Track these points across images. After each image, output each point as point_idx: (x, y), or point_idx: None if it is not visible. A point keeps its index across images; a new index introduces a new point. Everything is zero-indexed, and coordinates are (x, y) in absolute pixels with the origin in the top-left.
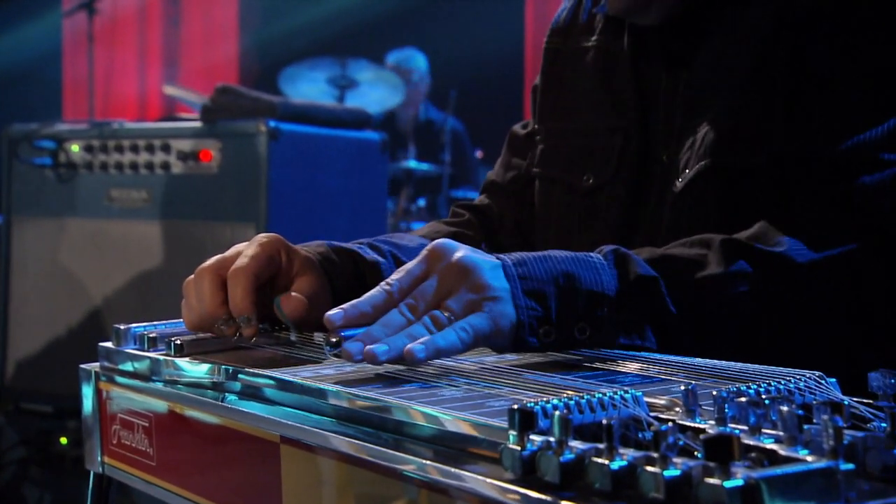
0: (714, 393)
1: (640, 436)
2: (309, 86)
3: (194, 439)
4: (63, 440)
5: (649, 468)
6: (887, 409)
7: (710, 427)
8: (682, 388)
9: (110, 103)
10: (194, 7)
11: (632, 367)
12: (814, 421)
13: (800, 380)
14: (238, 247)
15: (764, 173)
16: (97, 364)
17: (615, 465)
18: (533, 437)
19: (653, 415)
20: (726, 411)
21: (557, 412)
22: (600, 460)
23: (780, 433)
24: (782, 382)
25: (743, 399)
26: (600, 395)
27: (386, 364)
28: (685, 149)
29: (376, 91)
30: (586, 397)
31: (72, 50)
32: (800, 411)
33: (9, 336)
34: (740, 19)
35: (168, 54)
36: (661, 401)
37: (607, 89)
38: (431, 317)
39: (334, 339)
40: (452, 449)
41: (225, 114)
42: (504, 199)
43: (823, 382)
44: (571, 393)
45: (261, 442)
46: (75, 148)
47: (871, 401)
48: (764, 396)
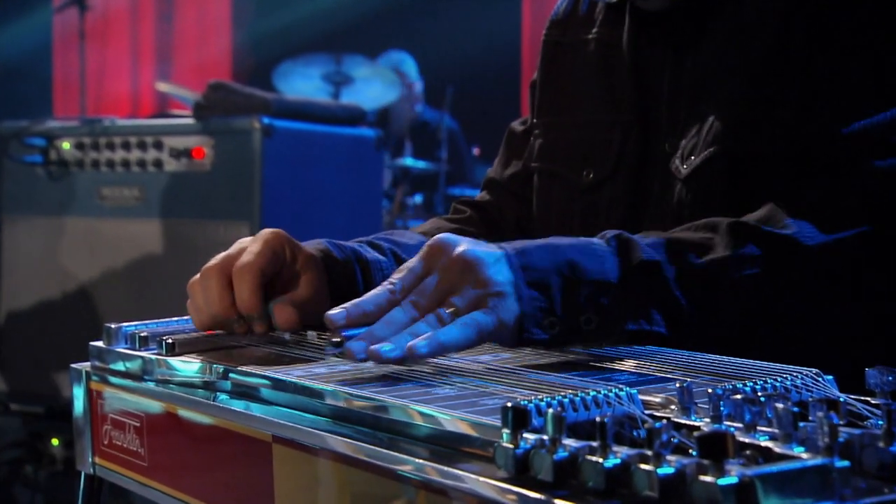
0: (709, 390)
1: (634, 434)
2: (303, 82)
3: (186, 439)
4: (54, 441)
5: (643, 466)
6: (884, 407)
7: (704, 425)
8: (678, 385)
9: (102, 100)
10: (187, 2)
11: (627, 364)
12: (809, 418)
13: (796, 377)
14: (241, 243)
15: (773, 160)
16: (88, 364)
17: (609, 463)
18: (526, 435)
19: (648, 412)
20: (721, 409)
21: (551, 410)
22: (594, 458)
23: (776, 430)
24: (779, 379)
25: (738, 396)
26: (594, 393)
27: (389, 363)
28: (691, 135)
29: (372, 87)
30: (580, 395)
31: (62, 46)
32: (795, 408)
33: None
34: (749, 4)
35: (161, 50)
36: (657, 398)
37: (607, 82)
38: (435, 314)
39: (336, 340)
40: (446, 448)
41: (218, 110)
42: (504, 196)
43: (820, 379)
44: (565, 391)
45: (253, 442)
46: (66, 145)
47: (868, 398)
48: (760, 394)
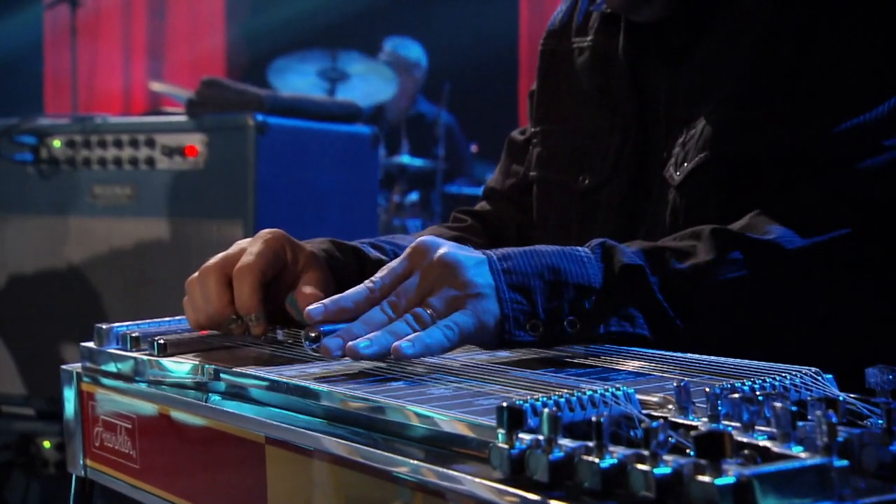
0: (707, 389)
1: (631, 433)
2: (299, 79)
3: (178, 441)
4: (46, 444)
5: (639, 466)
6: (884, 406)
7: (702, 424)
8: (675, 384)
9: (93, 97)
10: None
11: (625, 364)
12: (808, 417)
13: (795, 376)
14: (241, 243)
15: (765, 164)
16: (79, 365)
17: (605, 463)
18: (522, 435)
19: (645, 412)
20: (719, 408)
21: (547, 410)
22: (590, 458)
23: (774, 430)
24: (777, 378)
25: (736, 395)
26: (591, 393)
27: (370, 361)
28: (685, 141)
29: (368, 84)
30: (576, 394)
31: (53, 42)
32: (794, 407)
33: None
34: (739, 9)
35: (153, 47)
36: (654, 398)
37: (603, 89)
38: (413, 314)
39: (313, 334)
40: (441, 448)
41: (211, 107)
42: (505, 206)
43: (820, 378)
44: (561, 390)
45: (246, 443)
46: (57, 143)
47: (868, 397)
48: (758, 393)
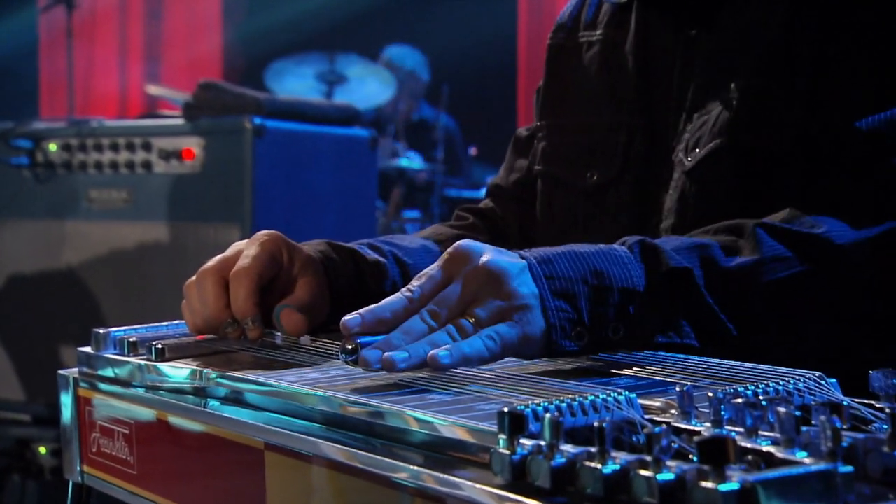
0: (710, 394)
1: (634, 439)
2: (296, 81)
3: (176, 447)
4: (42, 449)
5: (642, 472)
6: (888, 410)
7: (705, 429)
8: (678, 389)
9: (89, 100)
10: (177, 0)
11: (628, 369)
12: (812, 422)
13: (799, 380)
14: (238, 245)
15: (782, 155)
16: (76, 370)
17: (607, 469)
18: (523, 440)
19: (647, 417)
20: (722, 413)
21: (548, 415)
22: (592, 464)
23: (778, 435)
24: (781, 383)
25: (740, 400)
26: (593, 398)
27: (405, 372)
28: (697, 127)
29: (366, 87)
30: (578, 400)
31: (49, 45)
32: (798, 412)
33: None
34: None
35: (150, 49)
36: (657, 403)
37: (611, 83)
38: (456, 324)
39: (350, 346)
40: (442, 454)
41: (208, 111)
42: (508, 203)
43: (824, 383)
44: (563, 395)
45: (244, 449)
46: (53, 147)
47: (872, 402)
48: (761, 397)
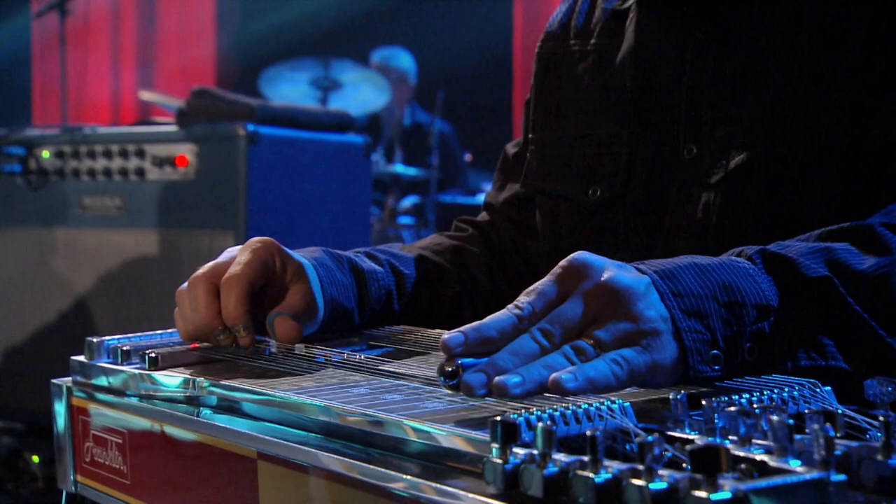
0: (704, 402)
1: (627, 448)
2: (290, 87)
3: (169, 456)
4: (35, 458)
5: (634, 481)
6: (882, 418)
7: (698, 438)
8: (672, 397)
9: (82, 107)
10: (169, 5)
11: None
12: (806, 431)
13: (794, 388)
14: (230, 252)
15: (817, 166)
16: (69, 379)
17: (599, 478)
18: (516, 449)
19: (641, 425)
20: (716, 421)
21: (541, 424)
22: (584, 473)
23: (771, 443)
24: (775, 391)
25: (733, 408)
26: (586, 406)
27: (516, 398)
28: (720, 138)
29: (361, 92)
30: (571, 408)
31: (41, 52)
32: (791, 421)
33: None
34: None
35: (143, 55)
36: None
37: (607, 93)
38: (575, 347)
39: (450, 369)
40: (435, 463)
41: (201, 117)
42: (500, 221)
43: (818, 391)
44: (556, 404)
45: (237, 458)
46: (46, 154)
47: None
48: (755, 406)
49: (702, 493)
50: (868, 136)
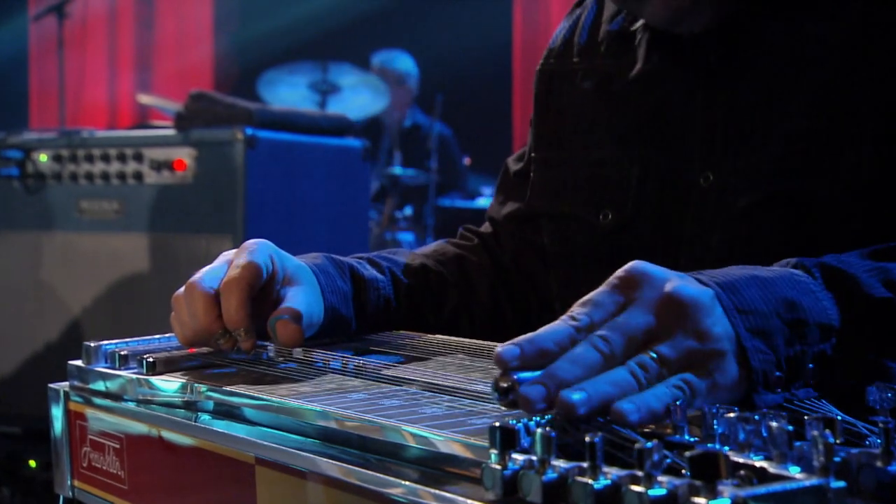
0: (703, 408)
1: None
2: (289, 91)
3: (167, 461)
4: (32, 463)
5: (634, 487)
6: (882, 424)
7: (697, 444)
8: (672, 403)
9: (80, 111)
10: (168, 9)
11: None
12: (806, 437)
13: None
14: (227, 255)
15: (841, 200)
16: (67, 383)
17: (598, 484)
18: (515, 455)
19: (640, 431)
20: (715, 427)
21: (540, 430)
22: (583, 479)
23: (771, 450)
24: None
25: (732, 414)
26: None
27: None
28: (739, 169)
29: (360, 96)
30: None
31: (39, 55)
32: (790, 427)
33: None
34: (806, 30)
35: (141, 59)
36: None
37: (615, 115)
38: (639, 363)
39: (505, 385)
40: (433, 469)
41: (199, 121)
42: (502, 235)
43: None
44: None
45: (235, 463)
46: (43, 158)
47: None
48: (754, 412)
49: (701, 500)
50: (894, 170)
